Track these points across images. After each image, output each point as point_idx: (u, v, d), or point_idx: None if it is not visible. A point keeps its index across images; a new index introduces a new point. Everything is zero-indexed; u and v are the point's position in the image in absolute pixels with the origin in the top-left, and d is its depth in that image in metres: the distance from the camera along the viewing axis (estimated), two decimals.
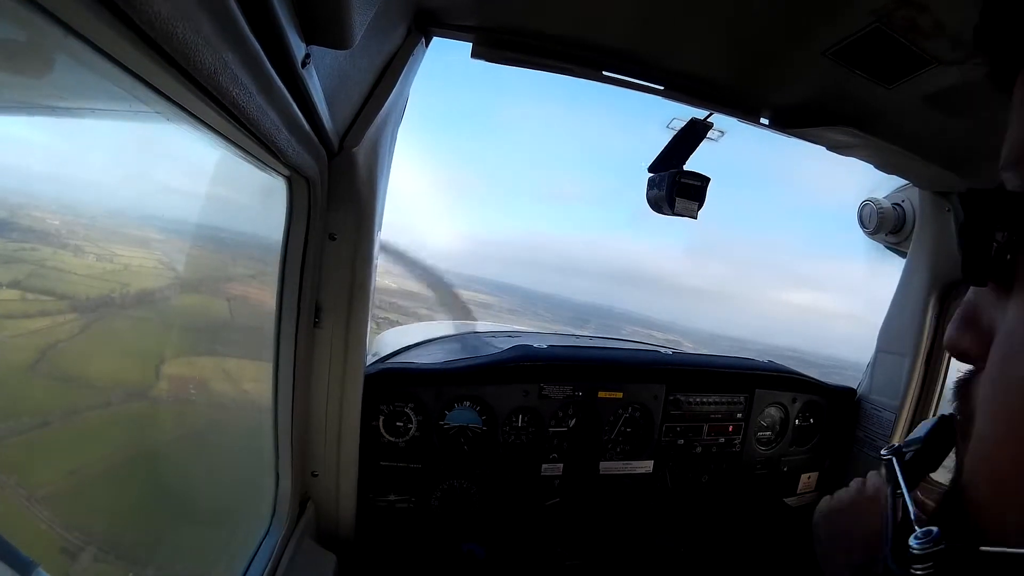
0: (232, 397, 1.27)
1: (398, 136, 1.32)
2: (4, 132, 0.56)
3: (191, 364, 1.05)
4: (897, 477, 0.70)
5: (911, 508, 0.63)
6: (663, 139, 1.49)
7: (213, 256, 1.16)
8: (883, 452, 0.82)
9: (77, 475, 0.73)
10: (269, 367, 1.14)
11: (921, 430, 0.77)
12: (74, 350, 0.68)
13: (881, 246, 2.08)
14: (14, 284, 0.59)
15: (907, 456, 0.75)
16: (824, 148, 1.54)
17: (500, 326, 2.78)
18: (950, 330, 0.41)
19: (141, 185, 0.78)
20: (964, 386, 0.41)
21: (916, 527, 0.41)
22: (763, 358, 2.10)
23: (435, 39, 1.18)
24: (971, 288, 0.41)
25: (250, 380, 1.24)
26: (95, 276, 0.72)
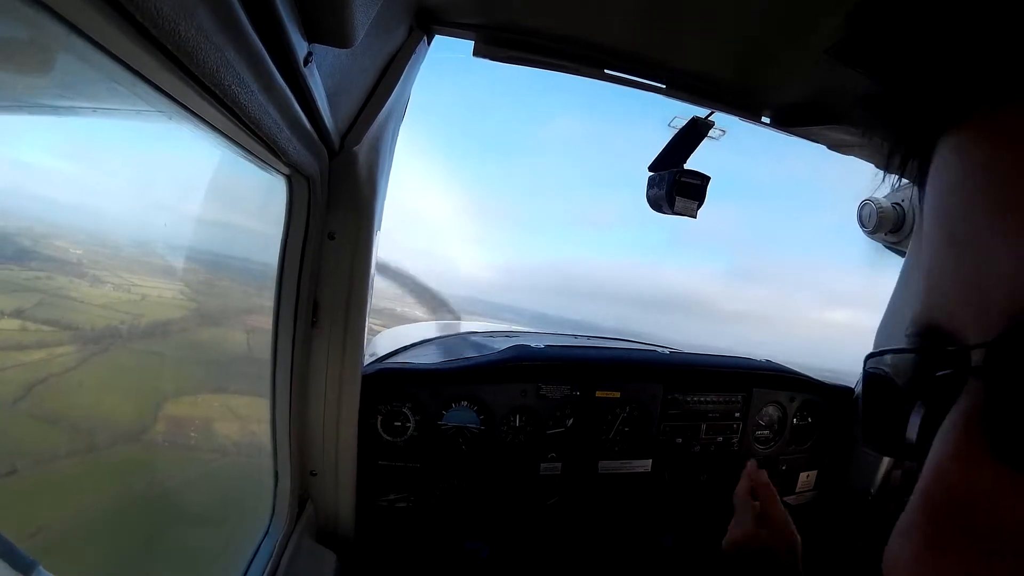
0: (234, 428, 1.27)
1: (399, 138, 1.31)
2: (16, 139, 0.55)
3: (195, 401, 1.05)
4: None
5: None
6: (664, 138, 1.49)
7: (237, 285, 1.15)
8: None
9: (77, 478, 0.72)
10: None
11: None
12: (69, 378, 0.67)
13: (880, 245, 2.09)
14: (17, 313, 0.58)
15: None
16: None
17: (497, 326, 2.78)
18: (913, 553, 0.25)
19: (164, 212, 0.78)
20: None
21: None
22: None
23: (438, 39, 1.18)
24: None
25: (256, 420, 1.24)
26: (107, 306, 0.71)
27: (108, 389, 0.78)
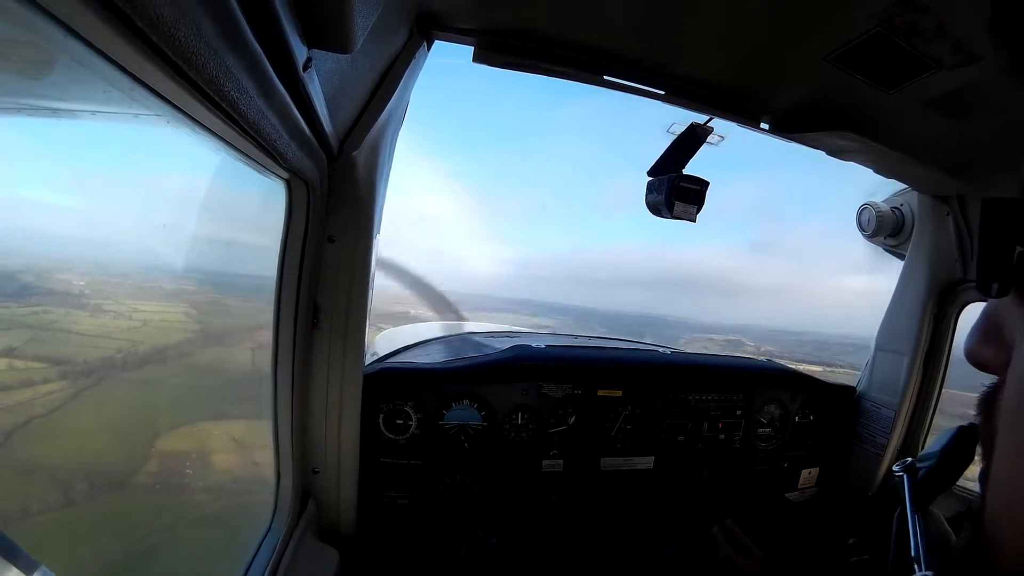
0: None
1: (399, 142, 1.32)
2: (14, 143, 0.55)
3: (189, 434, 1.04)
4: (905, 498, 0.68)
5: (917, 537, 0.61)
6: (663, 143, 1.49)
7: (241, 293, 1.15)
8: (895, 468, 0.80)
9: (86, 475, 0.72)
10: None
11: (937, 444, 0.75)
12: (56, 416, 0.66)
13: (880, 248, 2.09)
14: (6, 352, 0.56)
15: (920, 473, 0.73)
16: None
17: (499, 326, 2.78)
18: (969, 341, 0.39)
19: (163, 218, 0.78)
20: (987, 400, 0.38)
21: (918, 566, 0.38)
22: (816, 347, 2.10)
23: (438, 44, 1.18)
24: (992, 299, 0.39)
25: (258, 447, 1.23)
26: (104, 335, 0.70)
27: (99, 418, 0.78)
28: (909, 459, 0.78)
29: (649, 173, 1.52)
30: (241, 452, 1.32)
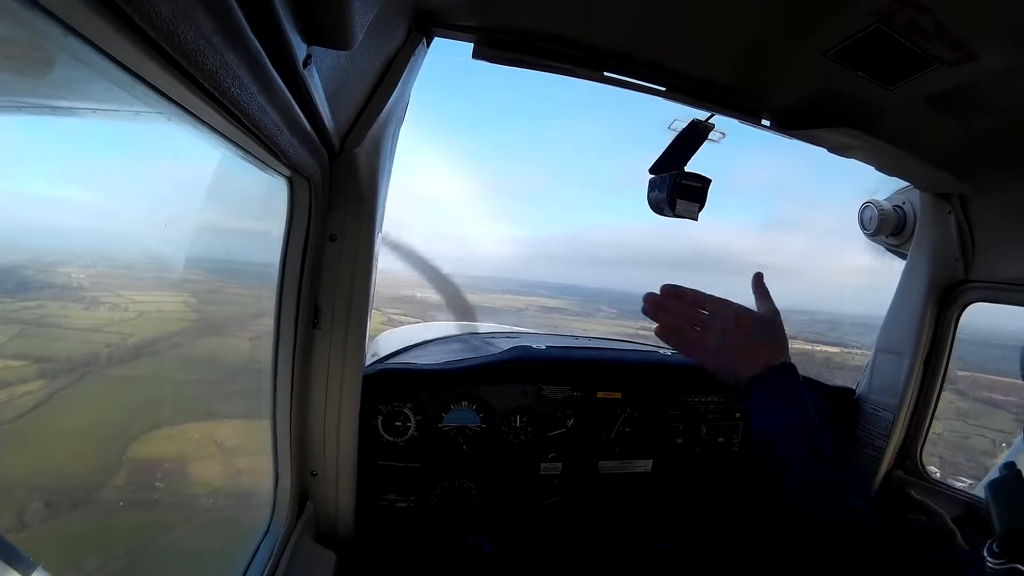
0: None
1: (400, 139, 1.31)
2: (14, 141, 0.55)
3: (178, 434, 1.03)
4: None
5: None
6: (664, 140, 1.49)
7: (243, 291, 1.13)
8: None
9: (83, 475, 0.72)
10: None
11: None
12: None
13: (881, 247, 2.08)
14: None
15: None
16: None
17: (499, 327, 2.78)
18: None
19: (164, 215, 0.78)
20: None
21: None
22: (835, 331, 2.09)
23: (438, 41, 1.18)
24: None
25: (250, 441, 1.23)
26: (96, 329, 0.69)
27: (100, 415, 0.76)
28: (1010, 461, 0.80)
29: (651, 171, 1.52)
30: (240, 453, 1.31)
